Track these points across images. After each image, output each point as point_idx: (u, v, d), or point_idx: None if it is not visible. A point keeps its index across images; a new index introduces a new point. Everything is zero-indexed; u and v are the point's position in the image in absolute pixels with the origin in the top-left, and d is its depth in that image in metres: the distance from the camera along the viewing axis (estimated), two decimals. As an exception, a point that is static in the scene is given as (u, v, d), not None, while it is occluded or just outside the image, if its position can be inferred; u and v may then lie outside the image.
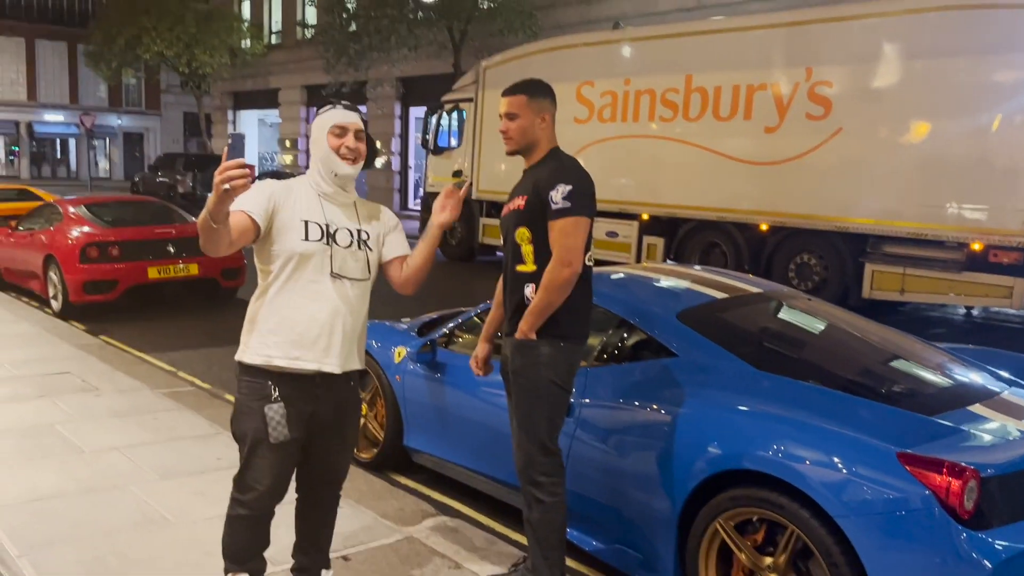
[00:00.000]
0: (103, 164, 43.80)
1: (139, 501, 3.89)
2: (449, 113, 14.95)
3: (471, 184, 3.21)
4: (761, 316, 3.95)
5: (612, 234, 12.09)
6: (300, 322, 2.65)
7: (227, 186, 2.22)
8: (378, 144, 3.64)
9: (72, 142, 42.62)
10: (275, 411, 2.64)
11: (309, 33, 24.66)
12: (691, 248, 11.44)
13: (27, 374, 6.05)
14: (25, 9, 40.00)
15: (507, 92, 3.10)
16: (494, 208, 14.03)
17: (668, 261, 11.18)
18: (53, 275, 8.86)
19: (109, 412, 5.24)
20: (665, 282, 4.18)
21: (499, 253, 16.01)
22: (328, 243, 2.67)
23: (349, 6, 20.85)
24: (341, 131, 2.71)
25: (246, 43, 29.80)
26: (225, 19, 28.55)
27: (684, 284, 4.06)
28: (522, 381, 3.04)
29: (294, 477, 2.84)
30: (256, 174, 27.51)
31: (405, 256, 2.85)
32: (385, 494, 4.14)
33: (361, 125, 2.74)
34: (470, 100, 14.43)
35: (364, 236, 2.76)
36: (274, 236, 2.64)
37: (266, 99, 31.28)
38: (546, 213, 2.94)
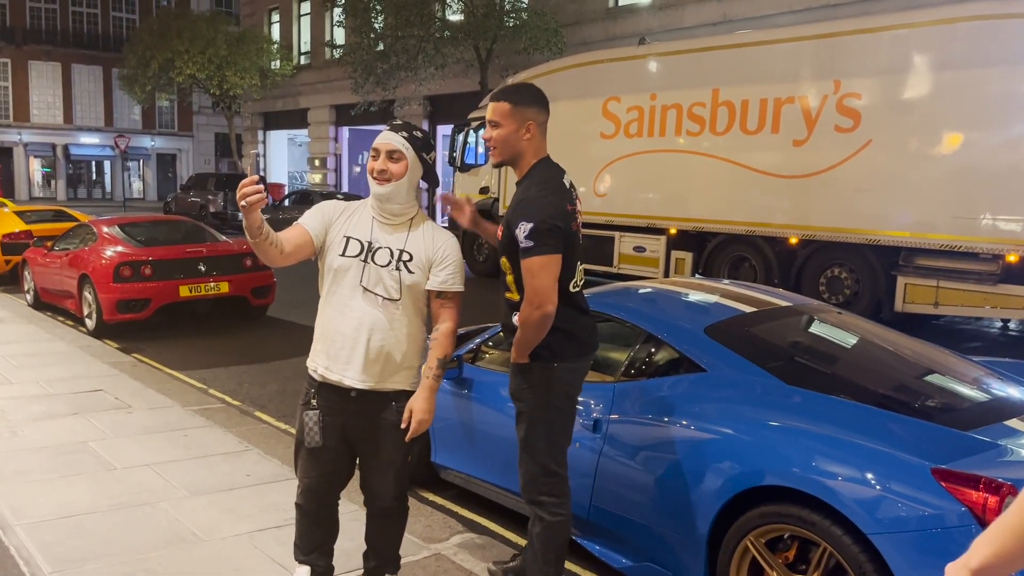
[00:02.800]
0: (137, 185, 44.56)
1: (170, 518, 3.92)
2: (476, 130, 15.02)
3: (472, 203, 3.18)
4: (791, 330, 3.91)
5: (640, 249, 12.05)
6: (330, 333, 2.80)
7: (244, 203, 2.42)
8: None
9: (107, 164, 43.46)
10: (310, 417, 2.79)
11: (337, 53, 24.93)
12: (719, 262, 11.36)
13: (61, 392, 6.14)
14: (61, 35, 40.95)
15: (492, 97, 2.96)
16: (521, 224, 14.06)
17: (696, 276, 11.11)
18: (87, 294, 9.00)
19: (141, 429, 5.30)
20: (693, 296, 4.14)
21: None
22: (365, 259, 2.75)
23: (376, 26, 21.07)
24: (376, 153, 2.79)
25: (276, 64, 30.30)
26: (255, 41, 29.08)
27: (712, 298, 4.03)
28: (519, 404, 3.01)
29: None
30: (285, 192, 27.83)
31: (441, 293, 2.83)
32: (413, 511, 4.10)
33: (396, 145, 2.76)
34: (496, 117, 14.49)
35: (405, 257, 2.77)
36: (324, 251, 2.81)
37: (295, 119, 31.69)
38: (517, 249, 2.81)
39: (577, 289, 2.95)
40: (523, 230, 2.74)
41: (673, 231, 11.72)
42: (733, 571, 2.97)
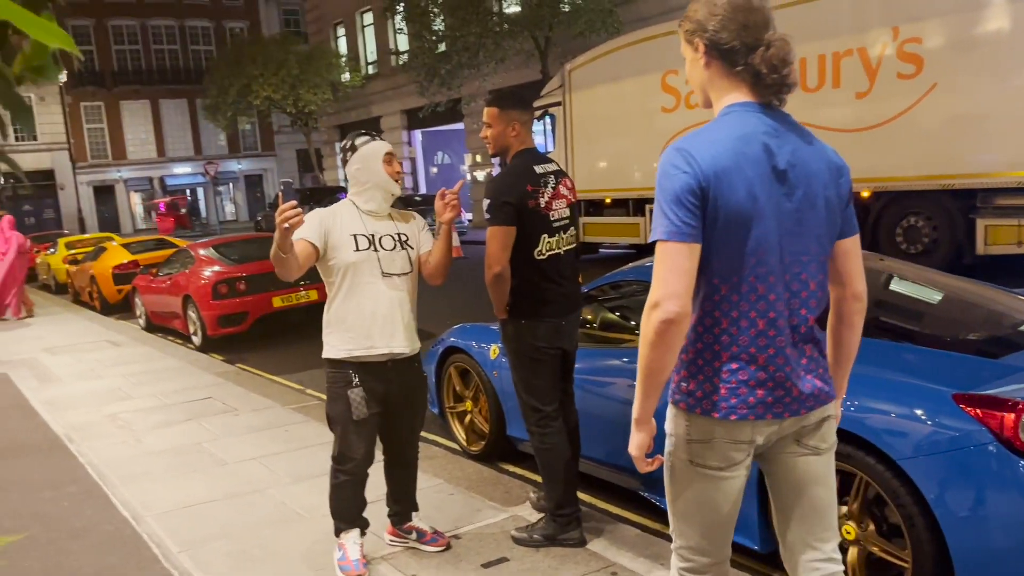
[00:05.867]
0: (229, 207, 46.60)
1: (276, 502, 4.38)
2: (540, 119, 15.27)
3: (463, 182, 3.78)
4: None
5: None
6: (367, 317, 3.23)
7: (286, 225, 2.83)
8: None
9: (200, 190, 45.63)
10: (356, 394, 3.25)
11: (402, 60, 25.57)
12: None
13: (176, 402, 6.76)
14: (147, 73, 43.19)
15: (485, 103, 3.57)
16: (592, 207, 14.27)
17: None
18: (191, 313, 9.73)
19: (247, 429, 5.82)
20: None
21: (602, 251, 16.22)
22: (375, 250, 3.24)
23: (436, 28, 21.53)
24: (390, 158, 3.30)
25: (346, 77, 31.19)
26: (324, 56, 29.99)
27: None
28: (505, 353, 3.67)
29: (380, 443, 3.52)
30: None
31: (429, 252, 3.40)
32: (493, 481, 4.48)
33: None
34: (559, 104, 14.73)
35: (404, 237, 3.34)
36: (331, 253, 3.23)
37: (369, 127, 32.09)
38: None
39: (543, 257, 3.43)
40: (485, 204, 3.41)
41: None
42: (782, 508, 3.17)
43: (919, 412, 2.76)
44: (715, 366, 1.91)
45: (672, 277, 1.81)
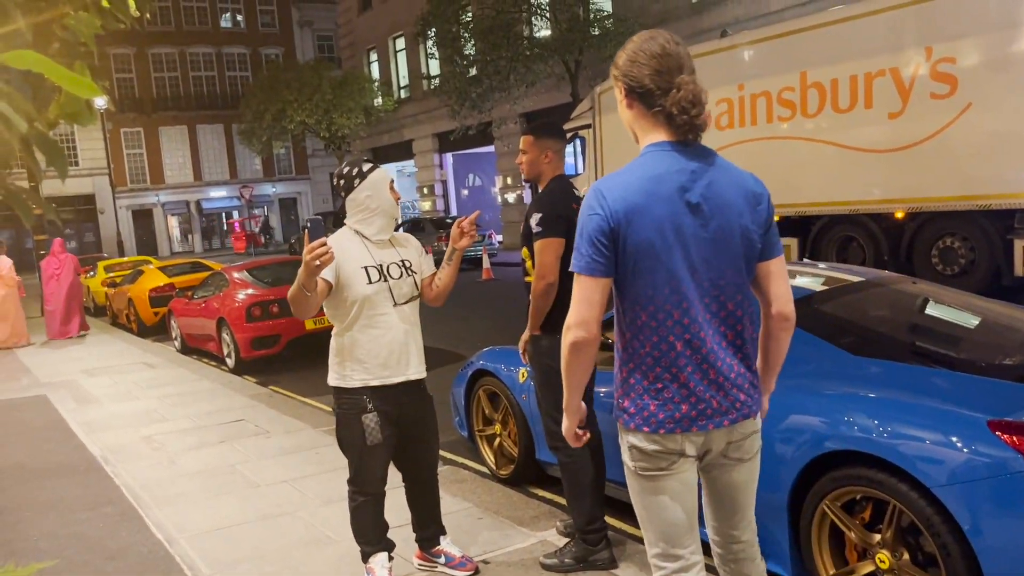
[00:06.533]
0: (263, 231, 47.26)
1: (307, 524, 4.41)
2: (570, 141, 15.34)
3: (479, 212, 3.79)
4: (862, 303, 4.01)
5: (743, 240, 12.00)
6: (383, 347, 3.26)
7: (318, 263, 2.80)
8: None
9: (235, 213, 46.36)
10: (371, 419, 3.28)
11: (434, 84, 25.86)
12: (826, 244, 11.22)
13: (209, 424, 6.84)
14: (185, 99, 44.15)
15: (522, 132, 3.76)
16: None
17: (804, 260, 10.99)
18: (225, 335, 9.86)
19: (279, 451, 5.88)
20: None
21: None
22: (385, 280, 3.27)
23: (467, 53, 21.78)
24: (392, 184, 3.37)
25: (378, 101, 31.60)
26: (357, 81, 30.46)
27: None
28: (534, 369, 3.69)
29: (399, 471, 3.60)
30: (400, 221, 28.99)
31: (433, 274, 3.51)
32: (522, 505, 4.47)
33: None
34: (588, 126, 14.78)
35: (407, 264, 3.38)
36: (343, 286, 3.22)
37: (401, 151, 32.97)
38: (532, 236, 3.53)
39: None
40: (535, 219, 3.48)
41: (776, 218, 11.61)
42: (815, 535, 3.14)
43: (954, 439, 2.71)
44: (644, 385, 2.14)
45: (583, 307, 2.10)
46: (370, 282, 3.24)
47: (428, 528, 3.67)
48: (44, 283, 13.84)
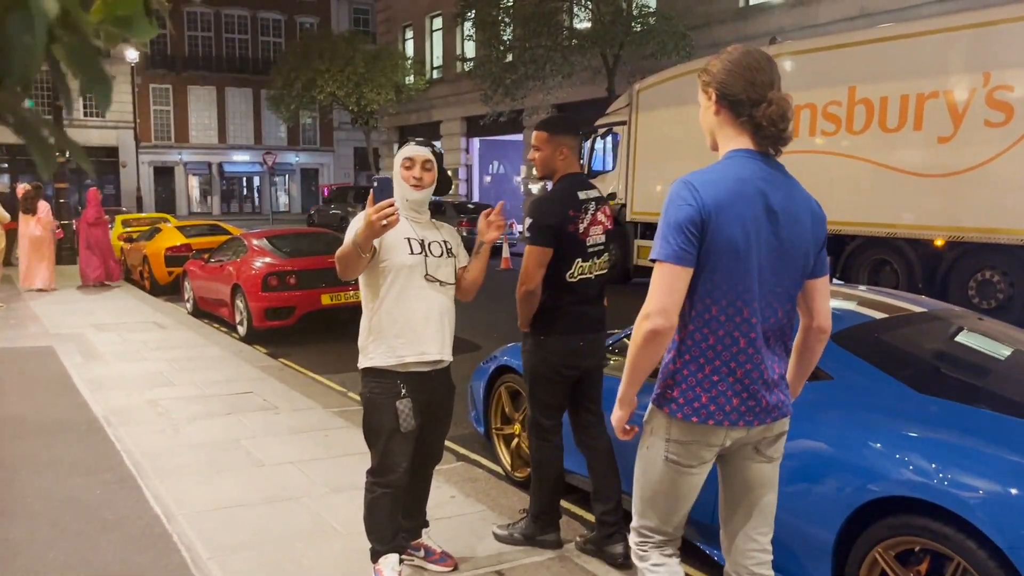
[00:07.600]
0: (283, 199, 47.13)
1: (312, 513, 4.20)
2: (603, 137, 15.06)
3: (504, 203, 3.64)
4: (925, 337, 3.76)
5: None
6: (420, 321, 3.10)
7: (385, 222, 2.69)
8: (450, 173, 4.20)
9: (256, 179, 46.20)
10: (405, 405, 3.11)
11: (468, 67, 25.55)
12: (859, 266, 10.92)
13: (217, 393, 6.64)
14: (215, 60, 43.94)
15: (535, 127, 3.67)
16: (648, 230, 13.98)
17: (834, 281, 10.69)
18: (239, 303, 9.67)
19: (287, 429, 5.67)
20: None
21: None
22: (426, 255, 3.13)
23: (505, 38, 21.46)
24: (410, 163, 3.16)
25: (410, 79, 31.32)
26: (391, 57, 30.17)
27: (841, 304, 3.92)
28: (523, 366, 3.75)
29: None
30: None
31: (464, 267, 3.37)
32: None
33: (429, 156, 3.17)
34: (624, 123, 14.49)
35: (449, 247, 3.24)
36: (383, 255, 3.08)
37: (429, 132, 32.66)
38: None
39: (574, 280, 3.53)
40: (526, 224, 3.50)
41: (808, 235, 11.34)
42: (861, 583, 2.91)
43: (1035, 499, 2.47)
44: (699, 377, 2.21)
45: (663, 294, 2.13)
46: (411, 253, 3.12)
47: (413, 519, 3.54)
48: (83, 232, 13.69)
